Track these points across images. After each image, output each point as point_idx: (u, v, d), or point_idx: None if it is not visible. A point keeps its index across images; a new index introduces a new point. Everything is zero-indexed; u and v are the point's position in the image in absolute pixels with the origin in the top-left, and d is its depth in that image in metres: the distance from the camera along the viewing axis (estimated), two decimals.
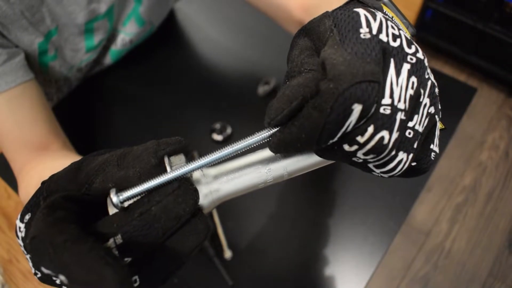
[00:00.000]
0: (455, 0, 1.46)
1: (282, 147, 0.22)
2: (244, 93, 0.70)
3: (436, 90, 0.23)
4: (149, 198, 0.20)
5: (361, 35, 0.20)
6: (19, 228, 0.21)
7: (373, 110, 0.19)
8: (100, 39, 0.61)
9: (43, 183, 0.22)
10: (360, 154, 0.21)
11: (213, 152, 0.22)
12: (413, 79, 0.21)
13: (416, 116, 0.21)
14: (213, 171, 0.24)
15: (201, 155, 0.63)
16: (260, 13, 0.61)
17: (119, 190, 0.21)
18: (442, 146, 0.64)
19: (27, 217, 0.21)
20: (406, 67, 0.21)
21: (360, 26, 0.20)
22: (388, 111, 0.19)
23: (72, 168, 0.22)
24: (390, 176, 0.23)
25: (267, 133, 0.22)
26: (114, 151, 0.23)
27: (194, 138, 0.65)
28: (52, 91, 0.64)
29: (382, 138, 0.20)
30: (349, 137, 0.20)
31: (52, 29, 0.52)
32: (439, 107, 0.23)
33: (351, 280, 0.54)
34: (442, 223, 1.30)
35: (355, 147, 0.20)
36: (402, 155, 0.21)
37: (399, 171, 0.22)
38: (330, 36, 0.21)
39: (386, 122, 0.19)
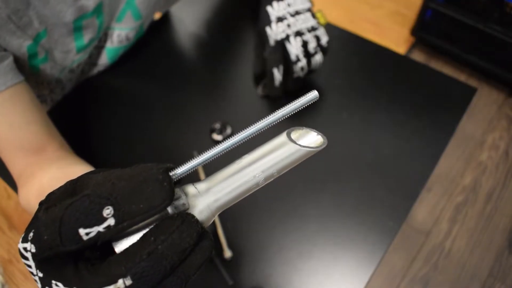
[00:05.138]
0: (455, 0, 1.46)
1: None
2: (244, 93, 0.70)
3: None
4: (154, 237, 0.21)
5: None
6: (25, 248, 0.21)
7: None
8: (90, 38, 0.60)
9: (40, 203, 0.23)
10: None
11: (261, 120, 0.23)
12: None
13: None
14: (204, 185, 0.24)
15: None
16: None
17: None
18: (442, 145, 0.64)
19: (31, 234, 0.21)
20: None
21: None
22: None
23: (68, 189, 0.23)
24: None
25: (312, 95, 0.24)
26: (108, 172, 0.23)
27: (194, 138, 0.65)
28: (45, 93, 0.64)
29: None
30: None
31: (40, 32, 0.52)
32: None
33: (351, 280, 0.54)
34: (442, 223, 1.30)
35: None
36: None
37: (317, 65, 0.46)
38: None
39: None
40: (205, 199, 0.24)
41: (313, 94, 0.24)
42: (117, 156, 0.65)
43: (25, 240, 0.21)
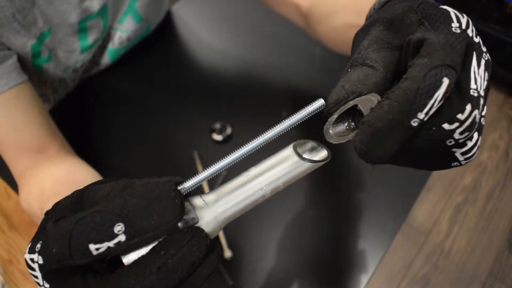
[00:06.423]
0: (455, 0, 1.46)
1: (378, 123, 0.22)
2: (244, 93, 0.70)
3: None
4: (164, 251, 0.21)
5: (452, 29, 0.23)
6: (32, 259, 0.21)
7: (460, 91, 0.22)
8: (94, 39, 0.60)
9: (46, 213, 0.23)
10: (457, 133, 0.22)
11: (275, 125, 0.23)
12: (486, 73, 0.24)
13: (484, 106, 0.24)
14: (211, 196, 0.25)
15: (201, 155, 0.63)
16: (261, 13, 0.60)
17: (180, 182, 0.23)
18: None
19: (38, 245, 0.21)
20: (483, 61, 0.23)
21: (452, 21, 0.24)
22: (476, 94, 0.22)
23: (75, 199, 0.23)
24: (466, 160, 0.24)
25: (318, 104, 0.24)
26: (116, 182, 0.23)
27: (194, 138, 0.65)
28: (48, 92, 0.64)
29: (475, 116, 0.22)
30: (449, 116, 0.22)
31: (45, 31, 0.51)
32: None
33: (351, 280, 0.54)
34: (442, 223, 1.30)
35: (456, 124, 0.22)
36: (476, 136, 0.23)
37: (474, 152, 0.24)
38: (420, 28, 0.24)
39: (476, 103, 0.22)
40: (213, 211, 0.24)
41: (319, 103, 0.24)
42: (117, 155, 0.65)
43: (32, 251, 0.21)
